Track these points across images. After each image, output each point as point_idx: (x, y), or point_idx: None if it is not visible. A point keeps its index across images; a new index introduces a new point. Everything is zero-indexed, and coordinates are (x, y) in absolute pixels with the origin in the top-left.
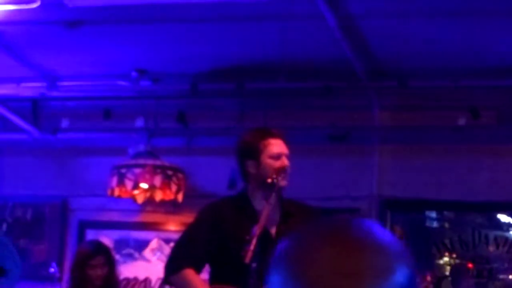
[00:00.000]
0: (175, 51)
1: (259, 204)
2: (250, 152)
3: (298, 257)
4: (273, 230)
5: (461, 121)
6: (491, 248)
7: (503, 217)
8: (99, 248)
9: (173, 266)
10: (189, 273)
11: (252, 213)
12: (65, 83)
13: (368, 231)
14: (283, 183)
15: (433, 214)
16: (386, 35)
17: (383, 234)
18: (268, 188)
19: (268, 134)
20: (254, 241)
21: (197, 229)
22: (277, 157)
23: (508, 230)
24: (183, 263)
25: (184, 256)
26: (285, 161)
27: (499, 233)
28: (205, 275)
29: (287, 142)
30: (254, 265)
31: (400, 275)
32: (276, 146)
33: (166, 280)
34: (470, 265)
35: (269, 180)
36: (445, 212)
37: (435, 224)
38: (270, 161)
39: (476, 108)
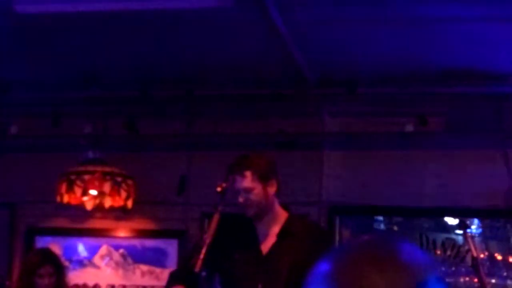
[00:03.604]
0: (124, 57)
1: (261, 225)
2: None
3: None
4: (265, 248)
5: (409, 128)
6: (439, 252)
7: (450, 220)
8: (47, 256)
9: (167, 282)
10: None
11: (252, 233)
12: (14, 90)
13: (410, 252)
14: (250, 212)
15: (381, 218)
16: (335, 42)
17: (423, 254)
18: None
19: (230, 170)
20: (203, 250)
21: (194, 245)
22: (236, 193)
23: (455, 234)
24: (175, 280)
25: (178, 272)
26: (240, 198)
27: (447, 236)
28: None
29: (244, 172)
30: (204, 273)
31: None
32: (234, 183)
33: None
34: None
35: (218, 189)
36: (394, 217)
37: (383, 228)
38: None
39: (424, 114)
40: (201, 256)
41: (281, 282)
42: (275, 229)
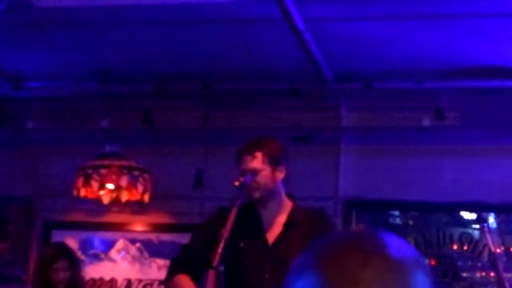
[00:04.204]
0: (140, 52)
1: (266, 213)
2: None
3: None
4: (271, 237)
5: (426, 122)
6: (455, 247)
7: (467, 215)
8: (62, 251)
9: (169, 271)
10: (181, 279)
11: (257, 221)
12: (31, 84)
13: (398, 245)
14: (255, 195)
15: (397, 213)
16: (351, 37)
17: (411, 248)
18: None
19: (240, 151)
20: (221, 245)
21: (197, 234)
22: (242, 173)
23: (472, 228)
24: (177, 269)
25: (180, 261)
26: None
27: (464, 231)
28: None
29: (254, 153)
30: (222, 268)
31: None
32: (242, 163)
33: (164, 284)
34: (432, 262)
35: (235, 183)
36: (410, 211)
37: (399, 222)
38: None
39: (440, 109)
40: (219, 250)
41: (287, 273)
42: (281, 218)
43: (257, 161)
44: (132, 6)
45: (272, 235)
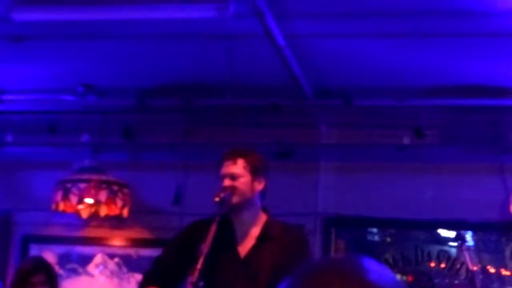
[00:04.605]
0: (121, 66)
1: (240, 225)
2: None
3: None
4: (243, 250)
5: (406, 140)
6: (433, 264)
7: (445, 232)
8: (40, 265)
9: (141, 283)
10: None
11: (230, 234)
12: (10, 97)
13: (379, 272)
14: (232, 200)
15: (376, 230)
16: (332, 54)
17: (391, 275)
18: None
19: (222, 158)
20: (201, 260)
21: (170, 246)
22: (222, 178)
23: (450, 246)
24: (150, 281)
25: (152, 273)
26: (224, 182)
27: (441, 248)
28: None
29: (236, 159)
30: (201, 284)
31: None
32: (222, 168)
33: None
34: (410, 279)
35: (216, 199)
36: (388, 229)
37: (377, 239)
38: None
39: (420, 127)
40: (198, 266)
41: (259, 286)
42: (254, 231)
43: (238, 167)
44: (114, 20)
45: (244, 248)
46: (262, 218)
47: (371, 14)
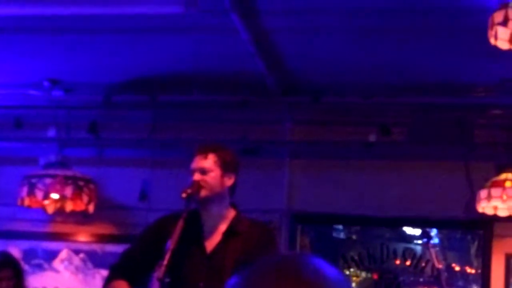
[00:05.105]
0: (88, 61)
1: (208, 220)
2: None
3: None
4: (210, 245)
5: (372, 137)
6: (398, 262)
7: (410, 230)
8: (7, 260)
9: (107, 277)
10: (118, 284)
11: (198, 229)
12: None
13: (316, 269)
14: (201, 194)
15: (341, 227)
16: (300, 50)
17: (331, 271)
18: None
19: (193, 152)
20: (167, 256)
21: (136, 241)
22: (192, 172)
23: (415, 244)
24: (116, 275)
25: (118, 267)
26: (194, 176)
27: (407, 246)
28: None
29: (207, 154)
30: (167, 279)
31: None
32: (193, 162)
33: None
34: (375, 276)
35: (183, 195)
36: (354, 226)
37: (343, 237)
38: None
39: (387, 124)
40: (165, 262)
41: (223, 282)
42: (222, 227)
43: (209, 162)
44: (81, 15)
45: (211, 243)
46: (231, 213)
47: (338, 11)
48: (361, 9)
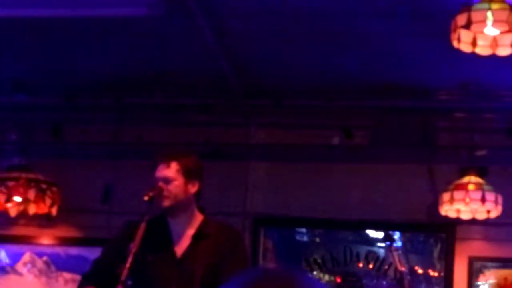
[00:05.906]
0: (51, 64)
1: (175, 226)
2: None
3: None
4: (179, 250)
5: (335, 140)
6: (361, 265)
7: (373, 233)
8: None
9: (78, 285)
10: None
11: (166, 234)
12: None
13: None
14: (164, 203)
15: (305, 230)
16: (263, 54)
17: None
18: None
19: (156, 160)
20: (129, 259)
21: (106, 248)
22: (155, 181)
23: (378, 247)
24: (86, 282)
25: (89, 275)
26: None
27: (370, 249)
28: None
29: (170, 162)
30: (129, 282)
31: None
32: (156, 171)
33: None
34: (338, 279)
35: (145, 198)
36: (317, 229)
37: (306, 240)
38: None
39: (349, 127)
40: (127, 265)
41: (195, 285)
42: (190, 231)
43: (171, 171)
44: (43, 17)
45: (181, 248)
46: (198, 218)
47: (300, 15)
48: (323, 13)
